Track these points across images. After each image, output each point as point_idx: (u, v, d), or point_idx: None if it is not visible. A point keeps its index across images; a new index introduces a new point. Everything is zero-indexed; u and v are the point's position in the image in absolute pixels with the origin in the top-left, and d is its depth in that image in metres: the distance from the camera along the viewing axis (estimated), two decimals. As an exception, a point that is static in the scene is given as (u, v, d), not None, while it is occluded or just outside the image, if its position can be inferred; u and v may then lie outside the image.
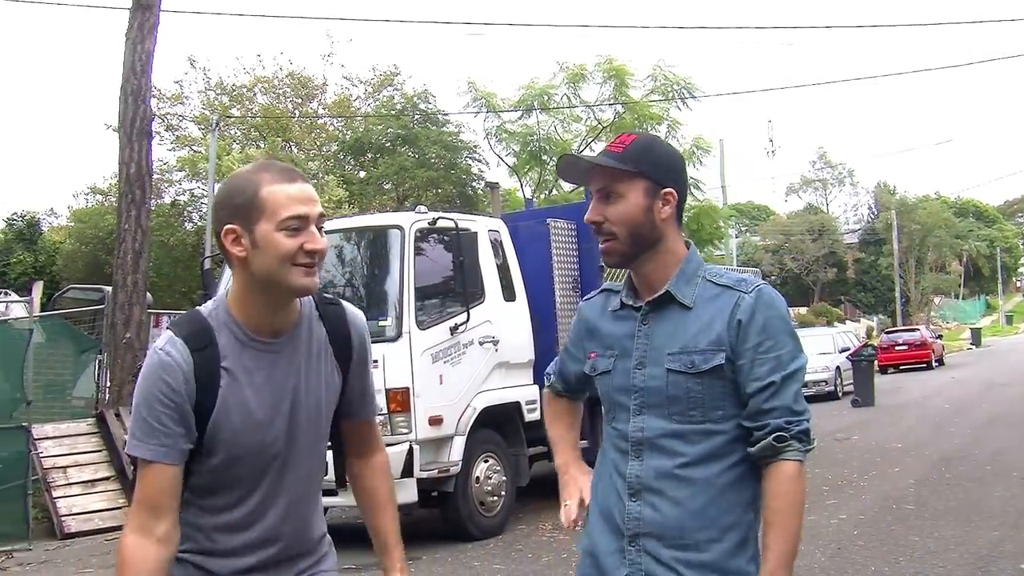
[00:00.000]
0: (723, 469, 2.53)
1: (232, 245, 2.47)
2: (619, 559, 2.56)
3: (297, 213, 2.44)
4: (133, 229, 14.42)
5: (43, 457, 12.63)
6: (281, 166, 2.59)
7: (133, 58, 14.69)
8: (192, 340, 2.49)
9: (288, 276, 2.46)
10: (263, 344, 2.56)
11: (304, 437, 2.62)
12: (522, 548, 9.73)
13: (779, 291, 2.65)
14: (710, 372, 2.51)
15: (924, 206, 71.39)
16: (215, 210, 2.57)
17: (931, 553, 8.35)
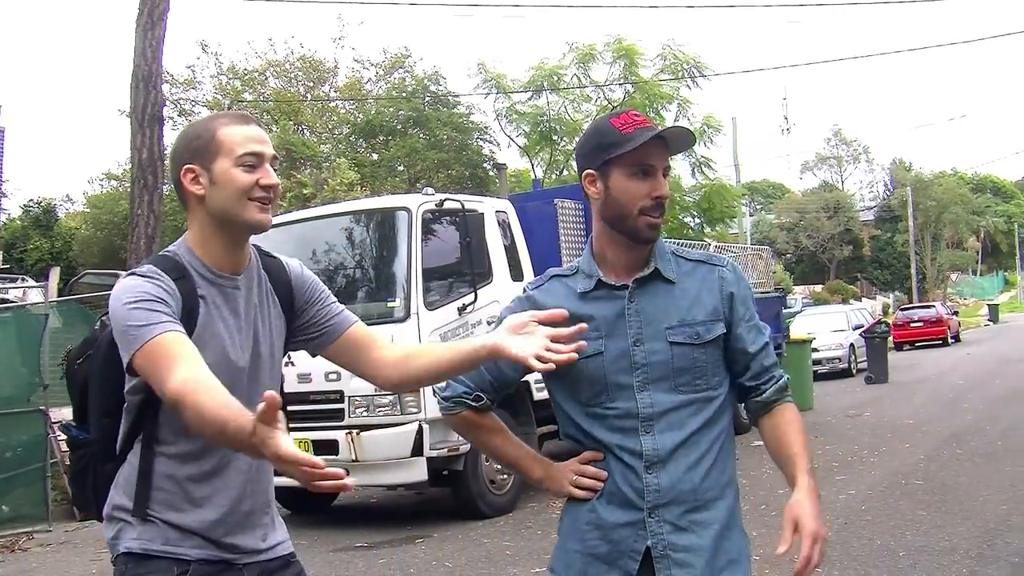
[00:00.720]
0: (720, 431, 2.68)
1: (191, 184, 2.60)
2: (634, 532, 2.62)
3: (252, 150, 2.59)
4: (146, 214, 14.51)
5: (61, 440, 12.76)
6: (235, 112, 2.78)
7: (143, 45, 14.75)
8: (171, 271, 2.58)
9: (244, 211, 2.59)
10: (226, 280, 2.67)
11: (263, 375, 2.72)
12: (532, 525, 9.83)
13: (795, 269, 2.82)
14: (712, 342, 2.67)
15: (940, 182, 71.06)
16: (172, 157, 2.70)
17: (937, 527, 8.40)
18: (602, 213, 2.70)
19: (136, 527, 2.61)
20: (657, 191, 2.63)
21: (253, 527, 2.73)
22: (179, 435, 2.59)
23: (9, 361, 13.03)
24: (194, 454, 2.62)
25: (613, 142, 2.62)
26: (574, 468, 2.73)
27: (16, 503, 12.12)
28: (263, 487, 2.77)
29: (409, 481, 10.02)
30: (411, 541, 9.50)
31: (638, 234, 2.65)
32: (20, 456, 12.36)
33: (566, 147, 25.73)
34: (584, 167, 2.72)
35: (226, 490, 2.65)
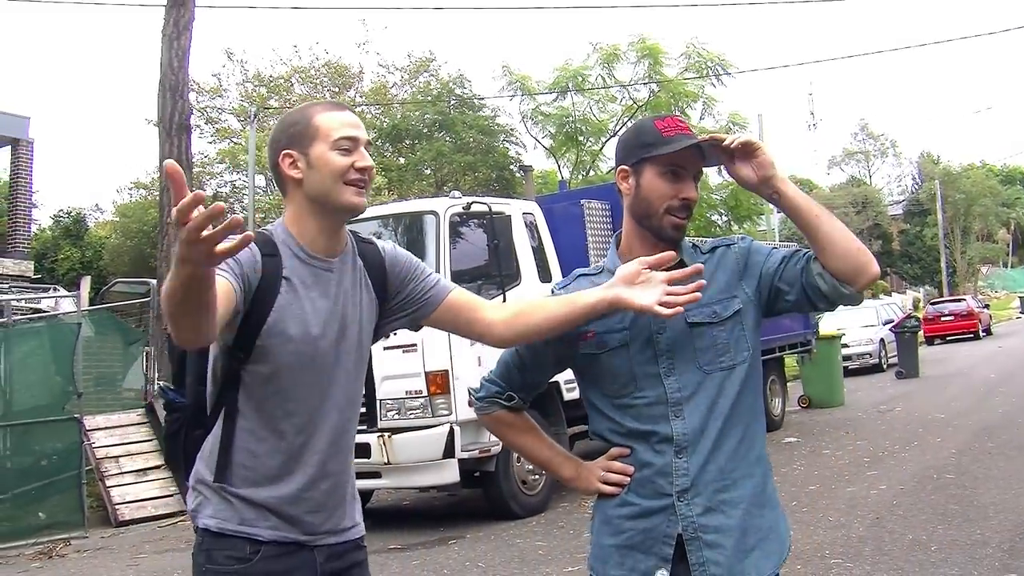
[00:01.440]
0: (747, 409, 2.72)
1: (289, 168, 2.71)
2: (666, 518, 2.67)
3: (348, 135, 2.69)
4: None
5: (96, 447, 12.93)
6: (330, 101, 2.92)
7: (170, 54, 14.91)
8: (263, 245, 2.67)
9: (341, 193, 2.69)
10: (319, 262, 2.75)
11: (348, 358, 2.79)
12: (564, 525, 9.86)
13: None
14: (731, 318, 2.71)
15: (968, 175, 70.52)
16: (271, 144, 2.79)
17: (969, 521, 8.37)
18: (631, 209, 2.77)
19: (213, 503, 2.70)
20: (684, 193, 2.70)
21: (329, 508, 2.79)
22: (259, 409, 2.68)
23: (44, 370, 13.19)
24: (273, 430, 2.69)
25: (651, 142, 2.70)
26: (602, 465, 2.79)
27: (52, 510, 12.28)
28: (341, 468, 2.82)
29: (441, 483, 10.06)
30: (444, 542, 9.56)
31: (663, 232, 2.71)
32: (56, 464, 12.54)
33: (592, 147, 25.78)
34: (620, 162, 2.80)
35: (303, 468, 2.72)
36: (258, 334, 2.62)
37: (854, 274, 2.64)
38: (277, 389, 2.67)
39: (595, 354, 2.76)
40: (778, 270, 2.73)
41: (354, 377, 2.85)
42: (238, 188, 31.62)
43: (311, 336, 2.69)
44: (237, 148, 30.62)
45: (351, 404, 2.84)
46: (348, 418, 2.83)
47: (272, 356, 2.64)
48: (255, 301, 2.61)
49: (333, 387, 2.76)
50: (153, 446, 13.39)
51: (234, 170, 31.37)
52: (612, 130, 25.67)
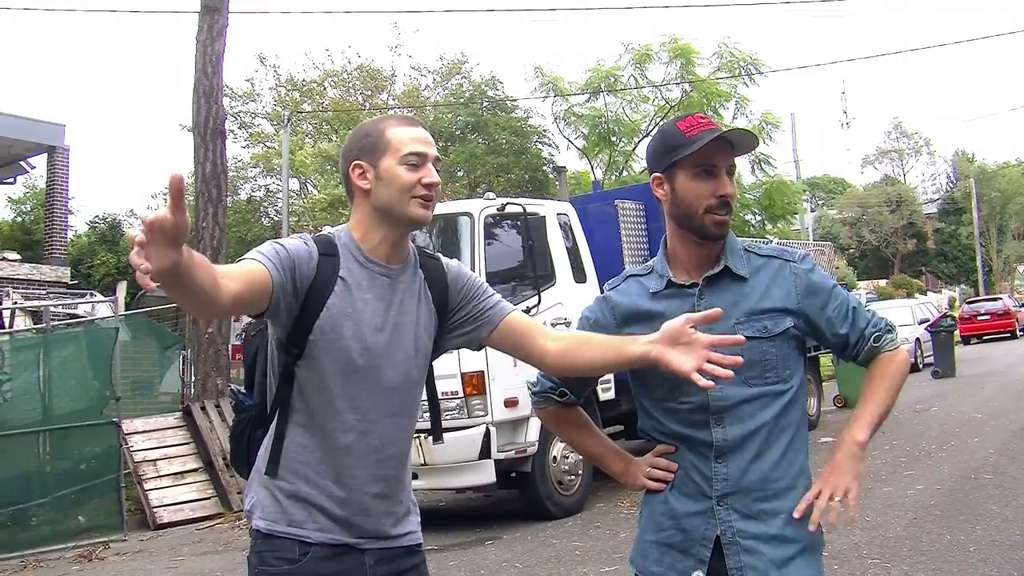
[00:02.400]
0: (789, 423, 2.74)
1: (359, 179, 2.79)
2: (705, 520, 2.70)
3: (416, 150, 2.77)
4: (211, 227, 14.74)
5: (133, 451, 13.01)
6: (404, 115, 3.00)
7: (204, 60, 14.99)
8: (322, 245, 2.75)
9: (407, 207, 2.75)
10: (378, 267, 2.81)
11: (403, 364, 2.82)
12: (600, 525, 9.86)
13: (858, 264, 2.90)
14: (781, 335, 2.73)
15: (1004, 173, 69.95)
16: (343, 153, 2.88)
17: (1008, 521, 8.33)
18: (671, 214, 2.78)
19: (265, 504, 2.76)
20: (721, 190, 2.70)
21: (382, 512, 2.82)
22: (310, 407, 2.73)
23: (81, 375, 13.28)
24: (321, 428, 2.73)
25: (678, 144, 2.71)
26: (648, 461, 2.84)
27: (92, 514, 12.38)
28: (397, 472, 2.85)
29: (477, 484, 10.07)
30: (481, 543, 9.57)
31: (705, 231, 2.72)
32: (94, 468, 12.63)
33: (625, 148, 25.74)
34: (652, 170, 2.82)
35: (351, 470, 2.75)
36: (310, 331, 2.68)
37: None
38: (327, 387, 2.72)
39: None
40: (829, 333, 2.80)
41: (411, 385, 2.88)
42: (271, 192, 31.80)
43: (362, 337, 2.73)
44: (271, 152, 30.77)
45: (406, 412, 2.87)
46: (402, 425, 2.85)
47: (323, 353, 2.70)
48: (308, 298, 2.67)
49: (385, 392, 2.79)
50: (190, 449, 13.46)
51: (267, 174, 31.51)
52: (645, 130, 25.63)
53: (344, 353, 2.70)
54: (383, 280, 2.81)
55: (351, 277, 2.75)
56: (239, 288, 2.44)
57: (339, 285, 2.72)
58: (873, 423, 2.76)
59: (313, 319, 2.68)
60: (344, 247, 2.79)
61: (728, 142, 2.71)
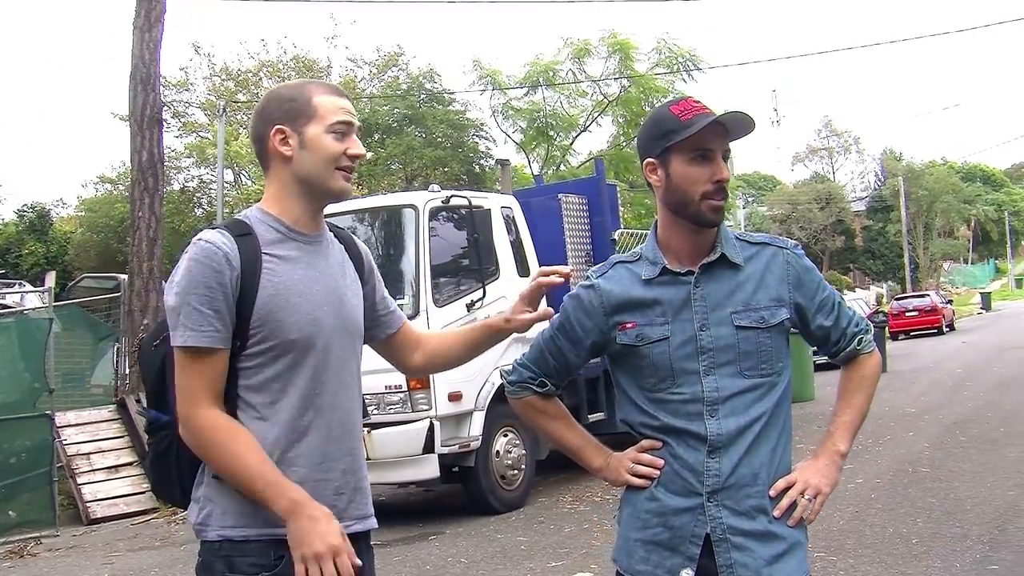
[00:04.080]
0: (781, 417, 2.71)
1: (280, 144, 2.66)
2: (694, 517, 2.65)
3: (345, 119, 2.67)
4: (147, 216, 14.52)
5: (66, 444, 12.79)
6: (330, 83, 2.87)
7: (141, 47, 14.75)
8: (233, 228, 2.62)
9: (330, 178, 2.67)
10: (302, 236, 2.70)
11: (348, 333, 2.74)
12: (544, 520, 9.84)
13: None
14: (777, 326, 2.70)
15: (931, 172, 71.14)
16: (261, 115, 2.72)
17: (948, 514, 8.44)
18: (664, 200, 2.73)
19: (229, 511, 2.58)
20: (717, 175, 2.65)
21: (352, 488, 2.70)
22: (262, 392, 2.60)
23: (12, 366, 13.01)
24: (280, 408, 2.60)
25: (672, 129, 2.65)
26: (632, 456, 2.77)
27: (23, 508, 12.14)
28: (357, 444, 2.76)
29: (421, 478, 10.02)
30: (424, 538, 9.50)
31: (701, 218, 2.67)
32: (25, 462, 12.37)
33: (562, 143, 25.73)
34: (645, 155, 2.75)
35: (323, 446, 2.64)
36: (250, 318, 2.56)
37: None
38: (280, 366, 2.60)
39: (634, 346, 2.72)
40: (815, 326, 2.81)
41: (357, 351, 2.81)
42: (205, 182, 31.39)
43: (305, 309, 2.62)
44: (204, 143, 30.39)
45: (355, 380, 2.78)
46: (353, 396, 2.77)
47: (269, 332, 2.57)
48: (242, 287, 2.55)
49: (337, 362, 2.69)
50: (125, 443, 13.28)
51: (201, 164, 31.11)
52: (582, 125, 25.67)
53: (292, 329, 2.58)
54: (310, 249, 2.70)
55: (277, 249, 2.63)
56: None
57: (267, 263, 2.59)
58: (854, 431, 2.79)
59: (250, 307, 2.55)
60: (260, 223, 2.65)
61: (723, 126, 2.66)
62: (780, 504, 2.64)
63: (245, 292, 2.55)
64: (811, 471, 2.71)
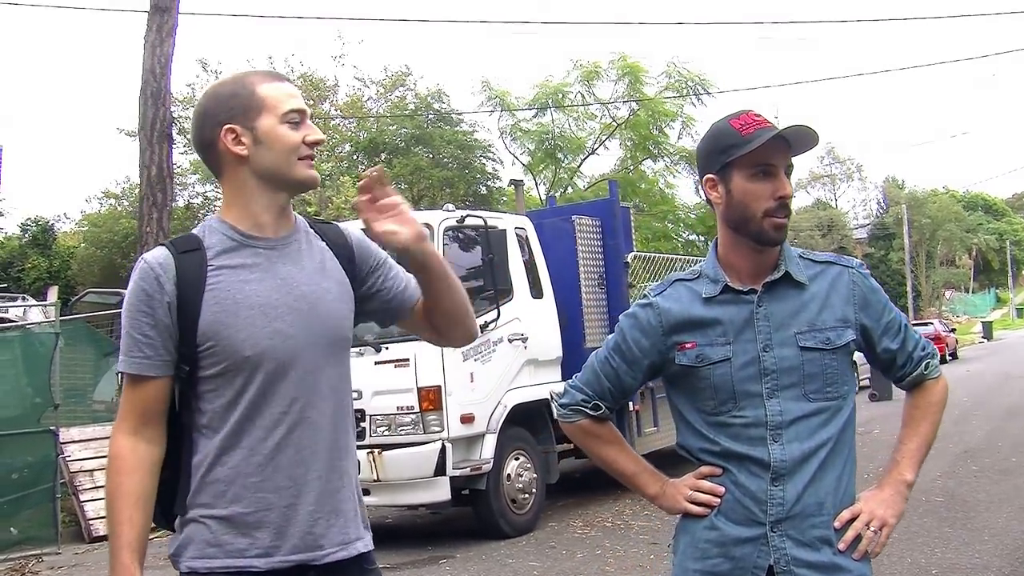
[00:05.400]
0: (846, 444, 2.61)
1: (233, 144, 2.49)
2: (756, 548, 2.54)
3: (296, 107, 2.51)
4: (155, 231, 14.40)
5: (70, 461, 12.64)
6: (268, 70, 2.73)
7: (152, 61, 14.66)
8: (179, 244, 2.51)
9: (294, 168, 2.51)
10: (260, 241, 2.53)
11: (322, 341, 2.54)
12: (555, 545, 9.71)
13: None
14: (843, 348, 2.60)
15: (934, 200, 71.28)
16: (203, 118, 2.55)
17: (965, 544, 8.36)
18: (725, 217, 2.63)
19: (195, 540, 2.46)
20: (780, 191, 2.56)
21: (329, 511, 2.52)
22: (221, 418, 2.46)
23: (15, 381, 12.89)
24: (241, 433, 2.45)
25: (733, 144, 2.56)
26: (690, 483, 2.66)
27: (25, 525, 11.97)
28: (336, 462, 2.56)
29: (432, 501, 9.91)
30: (434, 562, 9.36)
31: (763, 236, 2.57)
32: (28, 478, 12.21)
33: (570, 165, 25.73)
34: (704, 171, 2.66)
35: (293, 468, 2.47)
36: (195, 342, 2.43)
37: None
38: (238, 385, 2.45)
39: (693, 367, 2.62)
40: (881, 349, 2.70)
41: (335, 362, 2.59)
42: (209, 199, 31.34)
43: (261, 322, 2.46)
44: (210, 159, 30.32)
45: (335, 392, 2.58)
46: (336, 408, 2.57)
47: (220, 350, 2.43)
48: (180, 311, 2.43)
49: (307, 376, 2.50)
50: (129, 460, 13.10)
51: (206, 182, 31.06)
52: (590, 147, 25.67)
53: (244, 346, 2.42)
54: (272, 254, 2.52)
55: (227, 261, 2.48)
56: (160, 430, 2.49)
57: (213, 277, 2.45)
58: (920, 460, 2.72)
59: (194, 326, 2.42)
60: (212, 232, 2.51)
61: (785, 140, 2.57)
62: (845, 536, 2.54)
63: (186, 311, 2.42)
64: (876, 501, 2.61)
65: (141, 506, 2.43)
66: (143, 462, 2.44)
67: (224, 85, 2.58)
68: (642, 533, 9.82)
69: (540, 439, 10.76)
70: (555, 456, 10.90)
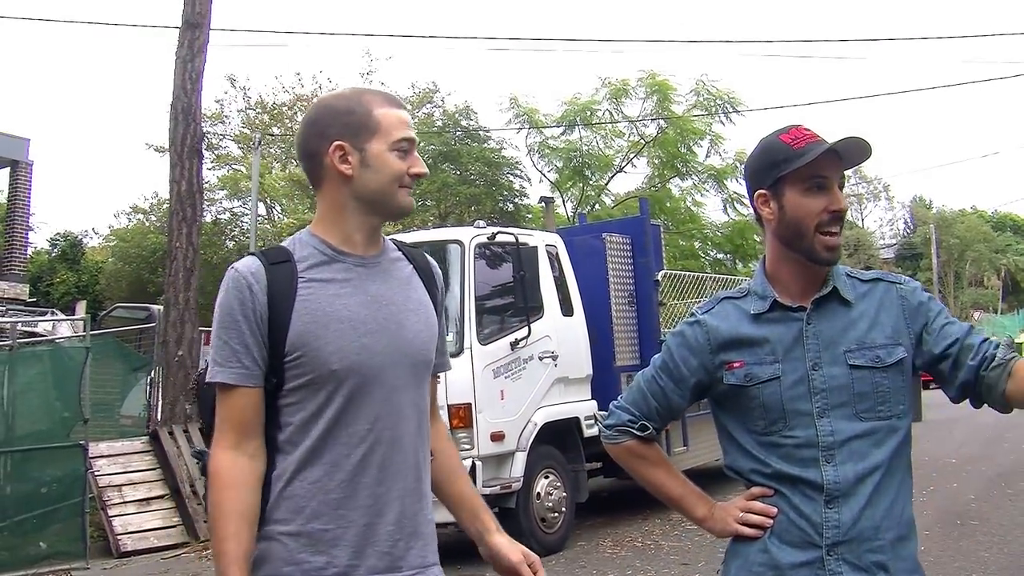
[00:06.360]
0: (903, 465, 2.53)
1: (340, 162, 2.47)
2: (812, 572, 2.46)
3: (407, 136, 2.50)
4: (184, 247, 14.44)
5: (98, 475, 12.64)
6: (385, 92, 2.66)
7: (183, 77, 14.72)
8: (270, 255, 2.48)
9: (395, 195, 2.50)
10: (351, 257, 2.51)
11: (406, 361, 2.51)
12: (585, 565, 9.62)
13: None
14: (894, 366, 2.51)
15: (963, 220, 70.90)
16: (315, 129, 2.53)
17: (1004, 569, 8.26)
18: (777, 233, 2.57)
19: (269, 557, 2.40)
20: (834, 205, 2.50)
21: (408, 534, 2.49)
22: (304, 432, 2.42)
23: (45, 396, 12.92)
24: (329, 451, 2.42)
25: (785, 158, 2.51)
26: (741, 505, 2.59)
27: (53, 539, 11.98)
28: (417, 484, 2.53)
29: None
30: (464, 580, 9.29)
31: (816, 254, 2.51)
32: (57, 492, 12.24)
33: (598, 182, 25.68)
34: (756, 187, 2.60)
35: (374, 487, 2.43)
36: (284, 353, 2.39)
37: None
38: (322, 398, 2.41)
39: (742, 386, 2.55)
40: (949, 349, 2.53)
41: (416, 383, 2.55)
42: (237, 215, 31.49)
43: (350, 336, 2.43)
44: (238, 175, 30.44)
45: (417, 413, 2.54)
46: (417, 430, 2.53)
47: (307, 361, 2.39)
48: (272, 314, 2.40)
49: (392, 393, 2.47)
50: (157, 475, 13.10)
51: (233, 197, 31.18)
52: (618, 165, 25.61)
53: (332, 359, 2.39)
54: (363, 271, 2.51)
55: (318, 276, 2.45)
56: (259, 443, 2.44)
57: (304, 289, 2.42)
58: None
59: (283, 337, 2.39)
60: (303, 246, 2.50)
61: (837, 154, 2.51)
62: None
63: (277, 321, 2.39)
64: None
65: (246, 521, 2.37)
66: (246, 476, 2.39)
67: (340, 99, 2.56)
68: (672, 553, 9.73)
69: (569, 457, 10.69)
70: (584, 475, 10.83)
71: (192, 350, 14.52)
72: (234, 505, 2.36)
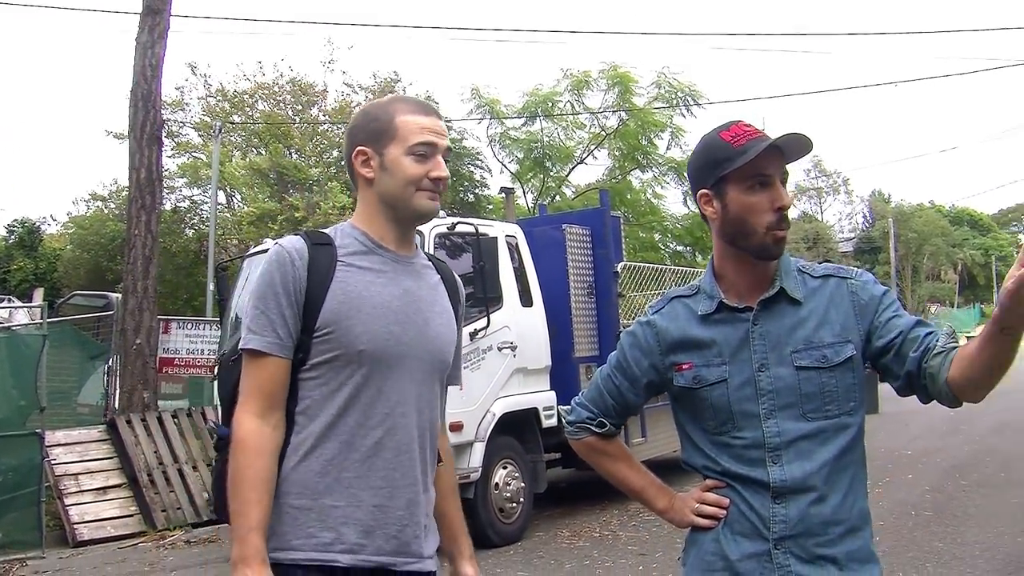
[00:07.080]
0: (852, 461, 2.54)
1: (361, 166, 2.62)
2: (760, 564, 2.49)
3: (426, 140, 2.59)
4: (143, 234, 14.33)
5: (55, 464, 12.54)
6: (418, 100, 2.73)
7: (143, 63, 14.61)
8: (314, 236, 2.61)
9: (412, 199, 2.59)
10: (390, 252, 2.61)
11: (429, 358, 2.62)
12: (543, 555, 9.67)
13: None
14: (842, 365, 2.50)
15: (920, 214, 71.52)
16: (349, 135, 2.69)
17: (957, 559, 8.34)
18: (722, 231, 2.57)
19: (278, 529, 2.46)
20: (778, 201, 2.51)
21: (415, 522, 2.56)
22: (325, 407, 2.51)
23: (1, 383, 12.77)
24: (347, 430, 2.49)
25: (726, 157, 2.50)
26: (696, 497, 2.63)
27: (8, 529, 11.85)
28: (426, 476, 2.62)
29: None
30: (421, 570, 9.30)
31: (765, 251, 2.52)
32: (13, 481, 12.09)
33: (558, 174, 25.70)
34: (698, 186, 2.60)
35: (387, 470, 2.52)
36: (314, 329, 2.48)
37: (974, 395, 2.45)
38: (344, 376, 2.49)
39: (691, 388, 2.58)
40: (892, 341, 2.50)
41: (432, 382, 2.65)
42: (196, 203, 31.23)
43: (379, 322, 2.52)
44: (198, 163, 30.22)
45: (430, 408, 2.64)
46: (430, 425, 2.63)
47: (336, 338, 2.48)
48: (310, 292, 2.49)
49: (413, 384, 2.57)
50: (113, 464, 13.01)
51: (193, 185, 30.94)
52: (579, 156, 25.65)
53: (361, 339, 2.48)
54: (397, 266, 2.62)
55: (359, 261, 2.56)
56: (281, 416, 2.50)
57: (341, 271, 2.52)
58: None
59: (316, 312, 2.48)
60: (344, 235, 2.62)
61: (779, 149, 2.51)
62: None
63: (313, 296, 2.49)
64: None
65: (267, 490, 2.44)
66: (269, 445, 2.46)
67: (373, 106, 2.71)
68: (630, 544, 9.78)
69: (528, 448, 10.71)
70: (543, 465, 10.86)
71: (150, 338, 14.43)
72: (259, 473, 2.43)
